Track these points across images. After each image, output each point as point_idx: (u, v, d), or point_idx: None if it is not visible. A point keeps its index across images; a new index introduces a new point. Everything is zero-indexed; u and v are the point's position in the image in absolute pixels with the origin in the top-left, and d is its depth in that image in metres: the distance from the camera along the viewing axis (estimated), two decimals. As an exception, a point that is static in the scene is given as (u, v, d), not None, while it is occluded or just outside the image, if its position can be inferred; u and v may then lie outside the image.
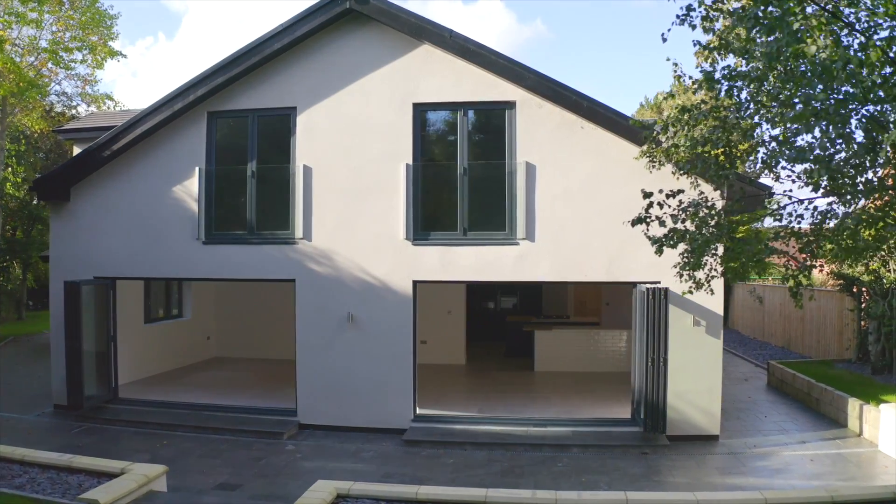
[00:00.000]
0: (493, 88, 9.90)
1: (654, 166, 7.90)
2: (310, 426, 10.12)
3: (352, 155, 10.10)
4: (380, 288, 10.00)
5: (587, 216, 9.77)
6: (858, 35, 5.14)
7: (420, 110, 10.10)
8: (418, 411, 10.08)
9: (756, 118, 6.19)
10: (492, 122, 10.18)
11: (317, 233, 10.15)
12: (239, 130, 10.71)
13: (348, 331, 10.07)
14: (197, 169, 10.43)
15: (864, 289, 13.14)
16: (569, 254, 9.77)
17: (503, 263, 9.82)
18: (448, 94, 9.99)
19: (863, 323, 13.25)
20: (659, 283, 9.58)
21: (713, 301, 9.54)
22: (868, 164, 5.54)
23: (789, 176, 6.47)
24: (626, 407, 10.84)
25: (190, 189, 10.50)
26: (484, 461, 8.59)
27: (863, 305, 13.21)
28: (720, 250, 7.45)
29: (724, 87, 5.88)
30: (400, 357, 9.99)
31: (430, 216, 10.10)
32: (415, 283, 9.97)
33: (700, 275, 7.37)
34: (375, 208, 10.02)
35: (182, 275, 10.59)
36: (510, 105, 9.94)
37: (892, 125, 5.02)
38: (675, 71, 7.04)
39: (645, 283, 9.69)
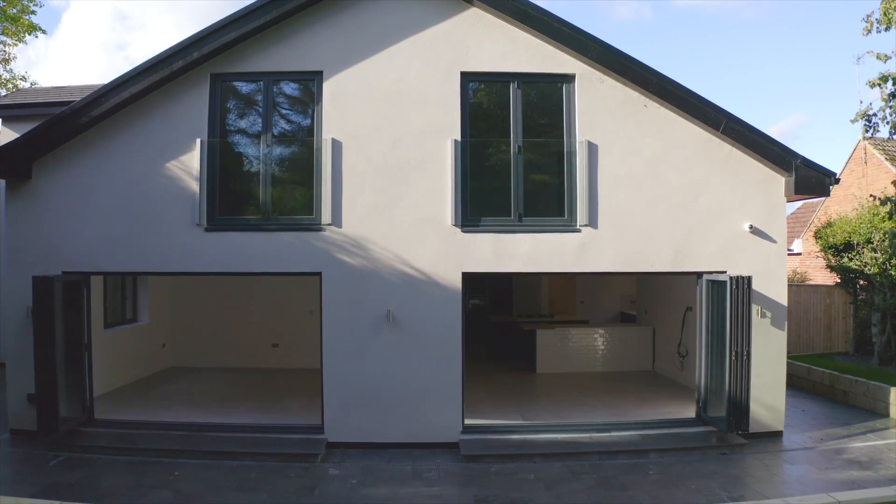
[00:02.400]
0: (549, 59, 8.95)
1: None
2: (339, 445, 8.63)
3: (389, 128, 8.77)
4: (423, 281, 8.72)
5: (651, 202, 9.01)
6: None
7: (468, 80, 8.95)
8: (466, 422, 8.87)
9: None
10: (548, 96, 9.19)
11: (348, 218, 8.71)
12: (250, 97, 9.07)
13: (386, 331, 8.70)
14: (198, 141, 8.69)
15: (861, 282, 13.34)
16: (634, 242, 8.96)
17: (564, 252, 8.85)
18: (500, 64, 8.92)
19: (860, 316, 13.45)
20: (724, 272, 9.01)
21: (778, 291, 9.09)
22: None
23: None
24: (673, 406, 10.27)
25: (188, 165, 8.73)
26: (567, 474, 7.55)
27: (860, 298, 13.40)
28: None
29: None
30: (447, 360, 8.75)
31: (481, 199, 8.95)
32: (464, 275, 8.78)
33: None
34: (418, 190, 8.75)
35: (178, 268, 8.75)
36: (568, 78, 9.03)
37: None
38: None
39: (710, 272, 9.08)
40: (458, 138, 8.74)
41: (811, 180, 8.97)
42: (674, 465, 7.91)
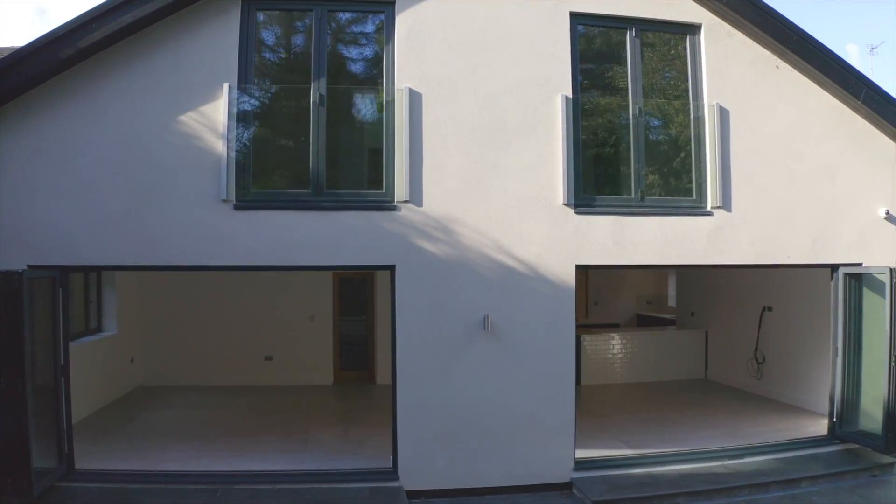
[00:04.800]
0: (673, 4, 7.27)
1: None
2: (420, 493, 6.55)
3: (482, 79, 6.79)
4: (527, 277, 6.78)
5: (786, 181, 7.49)
6: None
7: (578, 23, 7.11)
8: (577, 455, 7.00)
9: None
10: (669, 49, 7.49)
11: (430, 193, 6.65)
12: (296, 30, 6.84)
13: (481, 342, 6.69)
14: (224, 87, 6.37)
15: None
16: (769, 229, 7.40)
17: (693, 241, 7.16)
18: (615, 5, 7.14)
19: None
20: (860, 264, 7.64)
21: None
22: None
23: None
24: (778, 421, 8.87)
25: (211, 119, 6.40)
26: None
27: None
28: None
29: None
30: (557, 378, 6.86)
31: (594, 173, 7.14)
32: (577, 268, 6.92)
33: None
34: (520, 159, 6.81)
35: (196, 260, 6.39)
36: (693, 29, 7.37)
37: None
38: None
39: (847, 265, 7.67)
40: (570, 94, 6.88)
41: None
42: (836, 494, 6.68)
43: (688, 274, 12.75)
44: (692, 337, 12.19)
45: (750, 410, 9.50)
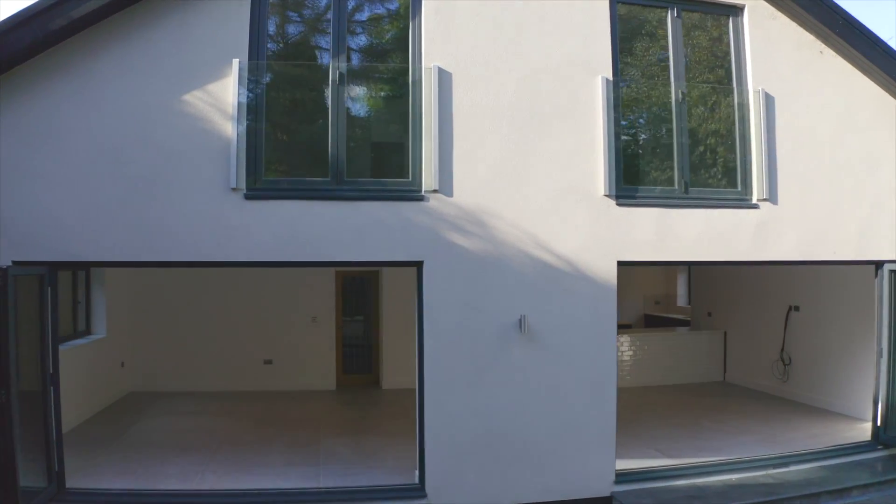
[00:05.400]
0: (716, -20, 6.81)
1: None
2: (451, 511, 5.98)
3: (517, 58, 6.23)
4: (567, 274, 6.24)
5: (832, 172, 7.05)
6: None
7: (617, 0, 6.59)
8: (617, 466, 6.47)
9: None
10: (710, 31, 7.01)
11: (461, 183, 6.07)
12: (313, 2, 6.23)
13: (516, 346, 6.13)
14: (234, 63, 5.74)
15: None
16: (816, 223, 6.95)
17: (738, 235, 6.68)
18: (656, -19, 6.66)
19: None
20: (904, 261, 7.24)
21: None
22: None
23: None
24: (811, 426, 8.45)
25: (219, 99, 5.76)
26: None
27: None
28: None
29: None
30: (597, 384, 6.32)
31: (636, 162, 6.63)
32: (619, 264, 6.40)
33: None
34: (558, 146, 6.26)
35: (202, 256, 5.74)
36: (736, 10, 6.90)
37: None
38: None
39: (892, 261, 7.26)
40: (610, 77, 6.36)
41: None
42: (896, 507, 6.06)
43: (704, 272, 12.33)
44: (709, 338, 11.75)
45: (780, 415, 9.07)
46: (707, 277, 12.26)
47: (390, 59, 6.35)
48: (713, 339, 11.72)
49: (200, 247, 5.75)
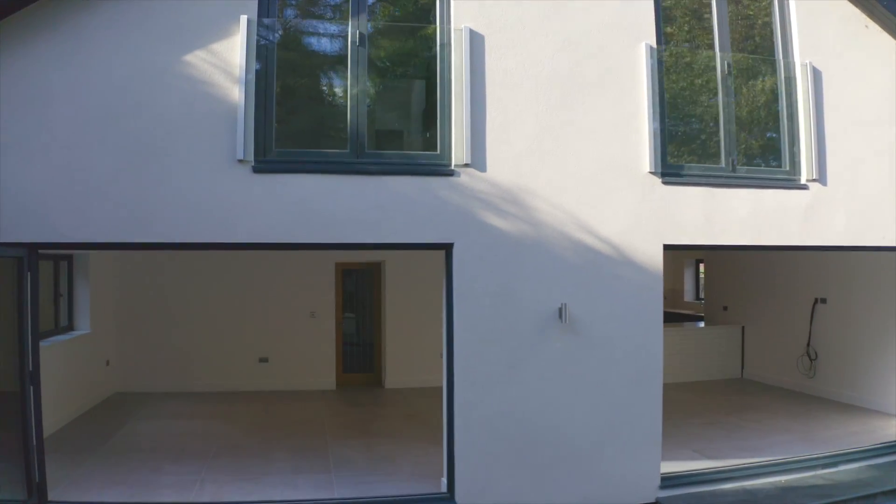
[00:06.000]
0: (765, -59, 6.31)
1: None
2: (482, 519, 5.37)
3: (555, 21, 5.65)
4: (610, 259, 5.68)
5: (880, 151, 6.59)
6: None
7: (661, -38, 6.06)
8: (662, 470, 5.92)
9: None
10: (754, 2, 6.52)
11: (495, 156, 5.48)
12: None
13: (557, 337, 5.54)
14: (242, 21, 5.08)
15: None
16: (865, 206, 6.47)
17: (788, 218, 6.17)
18: (702, -60, 6.14)
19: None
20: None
21: None
22: None
23: None
24: (847, 423, 8.01)
25: (225, 60, 5.10)
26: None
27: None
28: None
29: None
30: (642, 381, 5.76)
31: (680, 137, 6.10)
32: (665, 248, 5.86)
33: None
34: (599, 117, 5.70)
35: (205, 237, 5.07)
36: (781, -24, 6.43)
37: None
38: None
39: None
40: (654, 43, 5.82)
41: None
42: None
43: (718, 264, 11.89)
44: (726, 333, 11.29)
45: (810, 412, 8.62)
46: (721, 270, 11.81)
47: (411, 18, 5.73)
48: (730, 334, 11.26)
49: (202, 227, 5.08)
